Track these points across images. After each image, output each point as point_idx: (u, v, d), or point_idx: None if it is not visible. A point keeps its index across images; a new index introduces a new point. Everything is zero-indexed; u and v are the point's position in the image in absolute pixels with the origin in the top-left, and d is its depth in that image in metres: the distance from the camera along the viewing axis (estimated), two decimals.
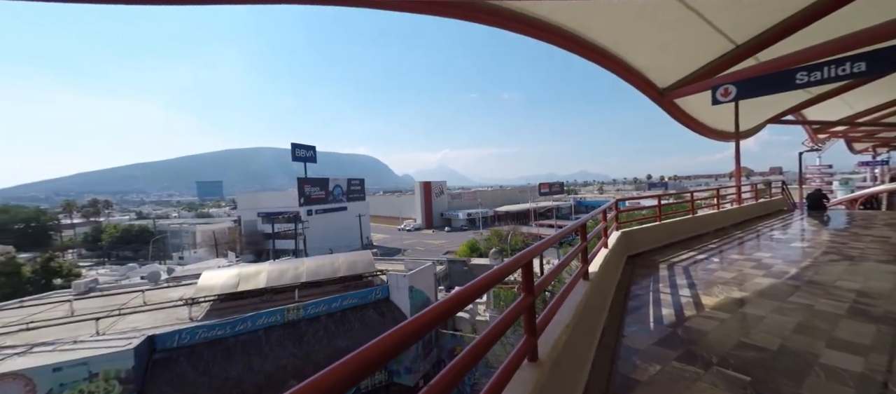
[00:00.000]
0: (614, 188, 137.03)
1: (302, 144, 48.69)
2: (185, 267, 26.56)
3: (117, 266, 37.79)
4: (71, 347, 10.13)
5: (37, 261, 28.27)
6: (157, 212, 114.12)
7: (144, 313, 13.21)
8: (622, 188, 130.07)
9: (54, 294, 17.57)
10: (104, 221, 72.46)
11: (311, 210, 45.28)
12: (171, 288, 16.81)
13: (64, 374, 9.24)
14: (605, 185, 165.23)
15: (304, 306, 13.10)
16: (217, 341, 11.45)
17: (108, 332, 11.34)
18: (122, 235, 55.50)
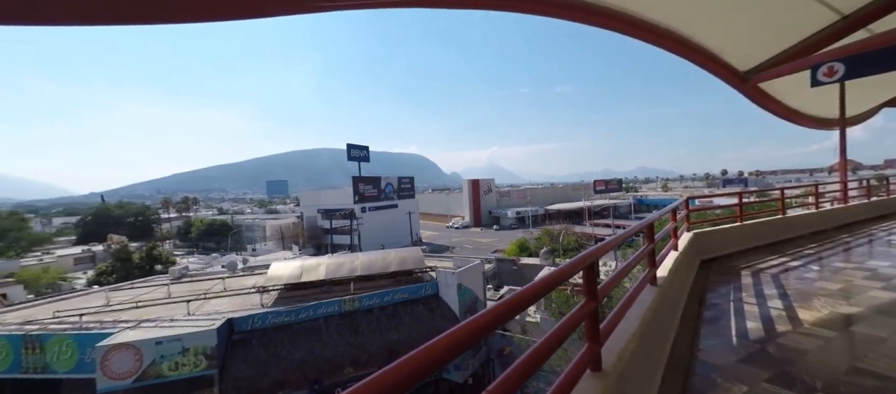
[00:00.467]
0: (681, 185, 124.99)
1: (356, 145, 51.19)
2: (256, 258, 29.44)
3: (203, 255, 43.11)
4: (169, 324, 11.72)
5: (143, 249, 33.23)
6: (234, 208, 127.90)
7: (225, 297, 14.86)
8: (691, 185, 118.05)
9: (155, 278, 20.50)
10: (192, 215, 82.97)
11: (364, 207, 47.51)
12: (246, 277, 18.70)
13: (163, 347, 10.71)
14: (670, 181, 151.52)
15: (359, 299, 13.77)
16: (284, 326, 12.49)
17: (196, 313, 12.92)
18: (206, 229, 63.10)
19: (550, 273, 1.57)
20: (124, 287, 18.27)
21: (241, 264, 23.15)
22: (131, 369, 10.40)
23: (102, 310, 13.70)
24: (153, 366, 10.54)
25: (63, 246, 52.71)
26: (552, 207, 70.44)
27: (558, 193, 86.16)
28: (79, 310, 13.44)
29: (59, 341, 11.51)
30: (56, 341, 11.53)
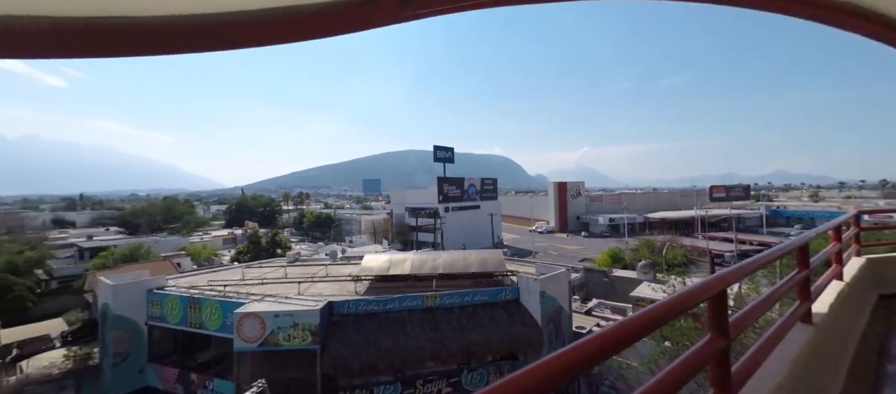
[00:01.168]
0: (841, 194, 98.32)
1: (442, 147, 52.95)
2: (353, 249, 32.76)
3: (312, 243, 49.74)
4: (284, 301, 13.76)
5: (268, 235, 39.86)
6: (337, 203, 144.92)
7: (327, 282, 16.84)
8: (857, 195, 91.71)
9: (276, 260, 24.30)
10: (305, 208, 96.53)
11: (448, 207, 48.90)
12: (344, 265, 20.90)
13: (280, 320, 12.61)
14: (824, 188, 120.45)
15: (441, 296, 14.16)
16: (373, 314, 13.56)
17: (304, 293, 14.91)
18: (315, 220, 72.67)
19: (671, 299, 1.30)
20: (254, 265, 22.11)
21: (340, 254, 26.00)
22: (257, 335, 12.48)
23: (239, 283, 16.79)
24: (272, 335, 12.48)
25: (216, 228, 66.60)
26: (654, 215, 62.57)
27: (661, 200, 76.14)
28: (223, 281, 16.72)
29: (211, 305, 14.46)
30: (209, 304, 14.52)
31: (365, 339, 12.82)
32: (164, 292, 15.81)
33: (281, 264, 21.44)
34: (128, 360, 15.80)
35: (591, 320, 17.85)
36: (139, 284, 16.25)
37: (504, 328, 13.61)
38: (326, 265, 20.53)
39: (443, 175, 50.81)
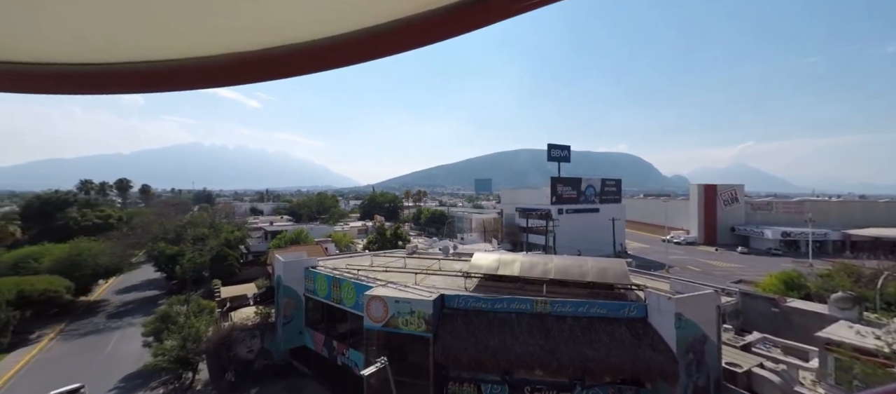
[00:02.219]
0: None
1: (557, 145, 50.20)
2: (464, 246, 34.05)
3: (427, 238, 53.75)
4: (403, 288, 15.24)
5: (392, 228, 44.88)
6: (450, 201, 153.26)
7: (439, 276, 17.92)
8: None
9: (397, 251, 27.10)
10: (422, 205, 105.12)
11: (561, 209, 46.10)
12: (455, 261, 21.88)
13: (400, 305, 14.01)
14: None
15: (552, 303, 13.41)
16: (482, 312, 13.78)
17: (420, 284, 16.20)
18: (430, 217, 78.40)
19: None
20: (380, 254, 25.15)
21: (451, 250, 27.36)
22: (381, 316, 14.15)
23: (368, 269, 19.36)
24: (393, 318, 13.96)
25: (353, 220, 78.55)
26: (860, 233, 46.14)
27: (872, 211, 55.47)
28: (357, 266, 19.54)
29: (348, 285, 17.09)
30: (346, 284, 17.19)
31: (473, 335, 13.13)
32: (316, 271, 19.44)
33: (401, 255, 23.81)
34: (292, 322, 20.04)
35: (750, 358, 14.22)
36: (300, 262, 20.38)
37: (626, 349, 12.02)
38: (439, 260, 21.87)
39: (557, 175, 48.15)
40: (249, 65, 1.18)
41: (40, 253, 32.22)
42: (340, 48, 1.14)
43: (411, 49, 1.19)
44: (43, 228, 42.97)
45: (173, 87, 1.34)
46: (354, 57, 1.15)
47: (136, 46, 1.17)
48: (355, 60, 1.18)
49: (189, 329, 18.87)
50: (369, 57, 1.17)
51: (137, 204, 68.91)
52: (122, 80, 1.32)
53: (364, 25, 1.05)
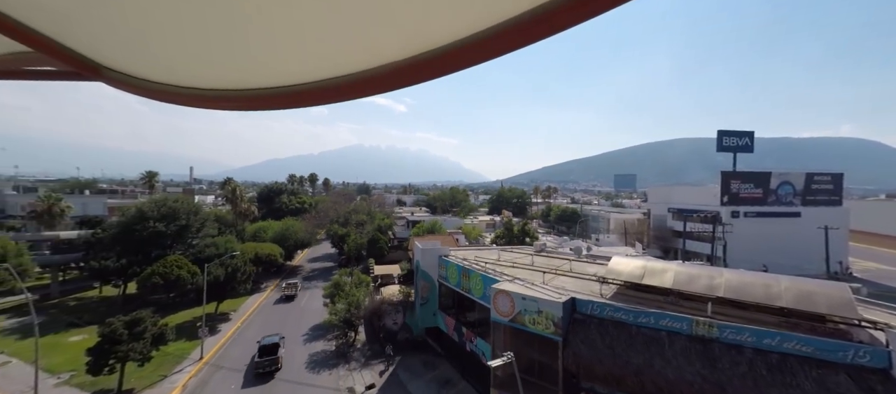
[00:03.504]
0: None
1: (733, 131, 40.13)
2: (599, 248, 30.83)
3: (557, 237, 51.03)
4: (530, 286, 14.85)
5: (520, 224, 44.39)
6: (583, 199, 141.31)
7: (569, 278, 16.72)
8: None
9: (525, 248, 26.60)
10: (552, 202, 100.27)
11: (737, 211, 36.58)
12: (588, 264, 20.02)
13: (526, 303, 13.73)
14: None
15: (721, 326, 10.75)
16: (621, 324, 12.18)
17: (548, 284, 15.47)
18: (560, 214, 74.09)
19: None
20: (507, 249, 25.20)
21: (584, 250, 25.13)
22: (508, 311, 14.16)
23: (495, 262, 19.66)
24: (520, 315, 13.78)
25: (481, 214, 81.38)
26: None
27: None
28: (485, 259, 20.09)
29: (476, 276, 17.78)
30: (475, 275, 17.91)
31: (610, 347, 11.75)
32: (448, 259, 20.93)
33: (529, 252, 23.28)
34: (428, 304, 22.19)
35: None
36: (435, 250, 22.32)
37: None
38: (570, 260, 20.40)
39: (732, 169, 38.46)
40: (372, 80, 1.55)
41: (266, 227, 45.07)
42: (437, 60, 1.29)
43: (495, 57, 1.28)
44: (268, 209, 60.08)
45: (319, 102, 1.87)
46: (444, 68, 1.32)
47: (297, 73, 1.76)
48: (442, 73, 1.34)
49: (353, 297, 23.16)
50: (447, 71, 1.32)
51: (321, 193, 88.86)
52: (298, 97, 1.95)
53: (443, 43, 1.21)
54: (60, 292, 32.40)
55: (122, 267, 28.59)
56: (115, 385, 17.53)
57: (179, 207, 32.97)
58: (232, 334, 24.70)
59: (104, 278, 30.03)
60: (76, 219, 41.01)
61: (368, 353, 22.33)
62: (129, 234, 29.72)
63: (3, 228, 40.62)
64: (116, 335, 16.62)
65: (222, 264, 26.55)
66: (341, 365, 20.81)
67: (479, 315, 17.70)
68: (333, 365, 20.77)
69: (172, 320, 23.73)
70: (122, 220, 31.48)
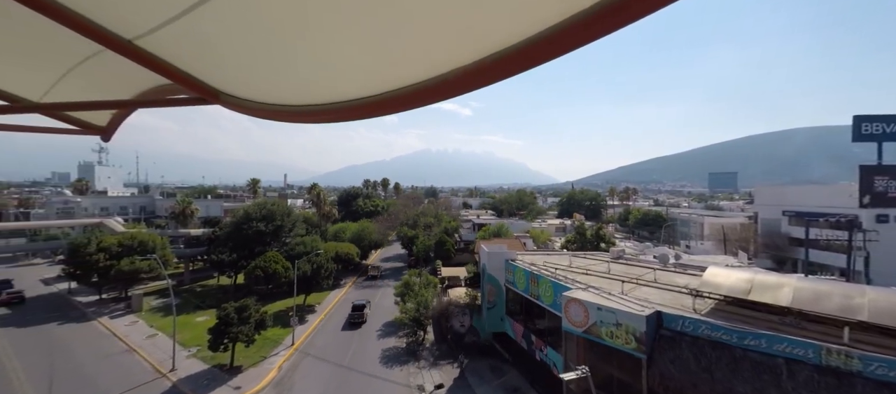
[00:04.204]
0: None
1: (875, 116, 32.56)
2: (690, 256, 27.21)
3: (637, 242, 46.52)
4: (607, 296, 13.73)
5: (593, 228, 41.45)
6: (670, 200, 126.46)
7: (654, 288, 15.05)
8: None
9: (599, 254, 24.74)
10: (631, 204, 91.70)
11: (884, 215, 29.37)
12: (677, 274, 17.80)
13: (602, 314, 12.72)
14: None
15: (864, 358, 8.66)
16: (721, 344, 10.56)
17: (627, 294, 14.13)
18: (642, 218, 67.34)
19: None
20: (579, 255, 23.69)
21: (672, 259, 22.42)
22: (581, 321, 13.29)
23: (566, 269, 18.61)
24: (595, 326, 12.82)
25: (550, 217, 77.96)
26: None
27: None
28: (555, 264, 19.16)
29: (545, 282, 17.04)
30: (544, 281, 17.19)
31: (707, 370, 10.27)
32: (515, 264, 20.44)
33: (604, 259, 21.58)
34: (495, 308, 21.93)
35: None
36: (501, 253, 21.98)
37: None
38: (654, 269, 18.36)
39: (876, 162, 31.12)
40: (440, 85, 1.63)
41: (345, 228, 49.12)
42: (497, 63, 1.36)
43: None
44: (346, 211, 65.52)
45: (394, 110, 2.03)
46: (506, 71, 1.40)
47: (365, 88, 1.94)
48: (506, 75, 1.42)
49: (421, 297, 23.96)
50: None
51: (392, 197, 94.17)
52: (375, 107, 2.16)
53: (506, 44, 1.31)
54: (190, 280, 39.36)
55: (234, 260, 33.68)
56: (228, 361, 20.66)
57: (275, 209, 37.73)
58: (317, 325, 27.37)
59: (220, 269, 35.69)
60: (201, 219, 49.75)
61: (437, 353, 22.83)
62: (238, 232, 34.89)
63: (152, 226, 50.85)
64: (229, 319, 19.62)
65: (309, 261, 29.64)
66: (411, 363, 21.63)
67: (549, 323, 16.92)
68: (404, 362, 21.70)
69: (270, 309, 27.16)
70: (233, 220, 37.14)
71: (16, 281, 33.92)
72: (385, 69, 1.88)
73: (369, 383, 19.48)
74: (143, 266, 30.05)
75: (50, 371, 19.97)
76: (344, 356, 22.27)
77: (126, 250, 31.48)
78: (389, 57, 1.76)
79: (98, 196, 67.47)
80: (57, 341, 23.99)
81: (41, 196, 70.93)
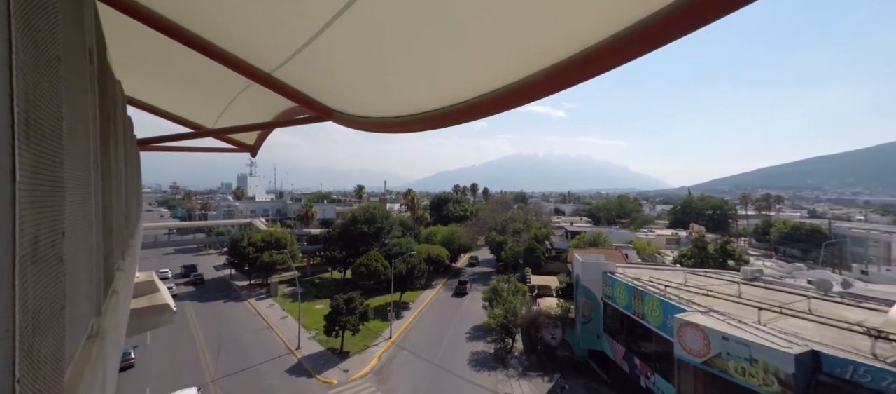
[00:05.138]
0: None
1: None
2: (868, 286, 20.67)
3: (783, 262, 37.37)
4: (736, 324, 11.40)
5: (717, 242, 34.86)
6: (834, 211, 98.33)
7: (808, 321, 11.89)
8: None
9: (726, 273, 20.70)
10: (774, 215, 74.32)
11: None
12: (844, 306, 13.77)
13: (729, 345, 10.60)
14: None
15: None
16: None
17: (768, 325, 11.47)
18: (790, 233, 53.90)
19: None
20: (698, 272, 20.22)
21: (837, 286, 17.36)
22: (700, 350, 11.31)
23: (680, 287, 16.07)
24: (719, 358, 10.77)
25: (660, 227, 68.37)
26: None
27: None
28: (664, 281, 16.74)
29: (652, 300, 15.02)
30: (650, 299, 15.17)
31: None
32: (614, 277, 18.55)
33: (733, 279, 17.99)
34: (590, 323, 20.21)
35: None
36: (598, 265, 20.19)
37: None
38: (808, 297, 14.50)
39: None
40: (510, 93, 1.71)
41: (436, 231, 51.45)
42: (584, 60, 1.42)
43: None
44: (438, 215, 68.62)
45: (484, 115, 2.17)
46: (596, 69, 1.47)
47: (447, 98, 2.14)
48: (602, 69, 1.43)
49: (510, 304, 23.55)
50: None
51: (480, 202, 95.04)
52: (467, 112, 2.36)
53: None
54: (311, 272, 46.22)
55: (343, 257, 38.38)
56: (338, 346, 23.55)
57: (376, 212, 41.79)
58: (412, 321, 29.21)
59: (333, 265, 41.02)
60: (319, 220, 58.14)
61: (526, 363, 22.08)
62: (347, 232, 39.67)
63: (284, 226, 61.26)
64: (339, 309, 22.41)
65: (404, 261, 31.92)
66: (499, 369, 21.35)
67: (657, 347, 14.83)
68: (492, 368, 21.55)
69: (371, 303, 30.08)
70: (343, 222, 42.41)
71: (198, 266, 44.80)
72: (474, 76, 2.00)
73: (458, 384, 19.90)
74: (278, 259, 36.51)
75: (218, 337, 25.73)
76: (435, 355, 23.24)
77: (267, 245, 38.67)
78: (479, 64, 1.87)
79: (249, 201, 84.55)
80: (222, 315, 30.77)
81: (214, 201, 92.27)
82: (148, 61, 3.59)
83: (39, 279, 0.68)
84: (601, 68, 1.37)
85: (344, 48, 2.08)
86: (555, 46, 1.44)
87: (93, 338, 1.31)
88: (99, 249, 1.46)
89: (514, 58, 1.65)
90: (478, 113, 2.09)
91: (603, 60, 1.33)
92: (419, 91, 2.41)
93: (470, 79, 1.97)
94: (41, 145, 0.70)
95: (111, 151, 2.14)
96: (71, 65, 1.07)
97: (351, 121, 3.34)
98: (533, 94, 1.70)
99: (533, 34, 1.42)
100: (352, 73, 2.47)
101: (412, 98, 2.54)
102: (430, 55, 1.98)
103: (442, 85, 2.15)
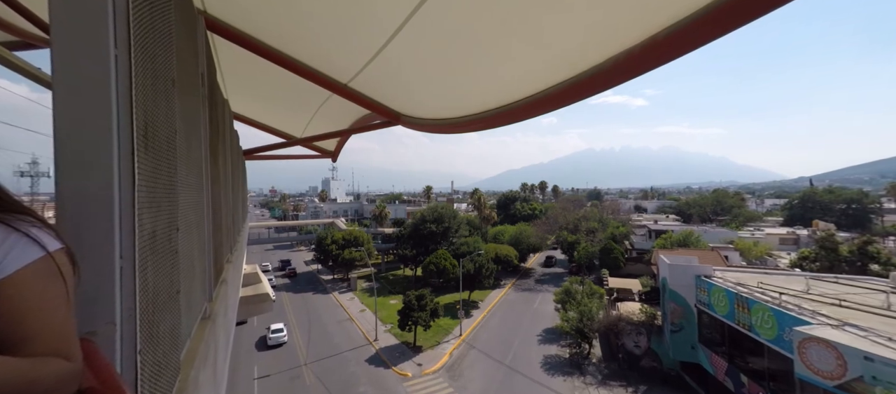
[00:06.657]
0: None
1: None
2: None
3: None
4: (884, 342, 9.11)
5: (854, 242, 28.27)
6: None
7: None
8: None
9: (869, 280, 16.68)
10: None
11: None
12: None
13: (875, 367, 8.53)
14: None
15: None
16: None
17: None
18: None
19: None
20: (827, 279, 16.66)
21: None
22: (833, 371, 9.31)
23: (801, 295, 13.40)
24: (860, 382, 8.74)
25: (770, 225, 57.87)
26: None
27: None
28: (779, 287, 14.12)
29: (762, 310, 12.79)
30: (760, 308, 12.94)
31: None
32: (711, 281, 16.22)
33: (879, 287, 14.42)
34: (682, 332, 17.99)
35: None
36: (689, 267, 17.87)
37: None
38: None
39: None
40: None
41: (503, 231, 50.73)
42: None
43: None
44: (505, 214, 67.61)
45: (553, 108, 2.08)
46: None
47: (507, 96, 2.03)
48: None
49: (585, 307, 22.14)
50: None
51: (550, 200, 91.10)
52: (509, 116, 2.36)
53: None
54: (385, 269, 49.21)
55: (414, 256, 40.09)
56: (412, 340, 24.65)
57: (444, 212, 42.76)
58: (481, 320, 29.25)
59: (405, 263, 43.12)
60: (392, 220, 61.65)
61: (605, 371, 20.53)
62: (416, 231, 41.32)
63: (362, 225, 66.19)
64: (411, 305, 23.45)
65: (472, 260, 32.10)
66: (575, 375, 20.21)
67: (771, 364, 12.58)
68: (567, 373, 20.49)
69: (441, 300, 30.85)
70: (413, 221, 44.27)
71: (292, 261, 50.88)
72: (538, 70, 1.89)
73: (530, 387, 19.35)
74: (356, 256, 39.63)
75: (308, 326, 28.86)
76: (506, 355, 22.93)
77: (347, 243, 42.24)
78: (542, 57, 1.76)
79: (331, 203, 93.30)
80: (311, 305, 34.44)
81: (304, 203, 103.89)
82: (249, 81, 4.19)
83: (158, 268, 0.82)
84: (684, 49, 1.20)
85: (410, 54, 2.16)
86: (628, 26, 1.28)
87: (206, 320, 1.56)
88: (210, 244, 1.73)
89: (586, 44, 1.50)
90: (546, 106, 1.99)
91: (693, 38, 1.16)
92: (483, 89, 2.39)
93: (541, 69, 1.87)
94: (158, 154, 0.84)
95: (219, 159, 2.51)
96: (184, 86, 1.27)
97: (417, 123, 3.48)
98: (604, 83, 1.56)
99: (614, 13, 1.28)
100: (417, 78, 2.57)
101: (476, 96, 2.54)
102: (496, 50, 1.92)
103: (507, 81, 2.10)
